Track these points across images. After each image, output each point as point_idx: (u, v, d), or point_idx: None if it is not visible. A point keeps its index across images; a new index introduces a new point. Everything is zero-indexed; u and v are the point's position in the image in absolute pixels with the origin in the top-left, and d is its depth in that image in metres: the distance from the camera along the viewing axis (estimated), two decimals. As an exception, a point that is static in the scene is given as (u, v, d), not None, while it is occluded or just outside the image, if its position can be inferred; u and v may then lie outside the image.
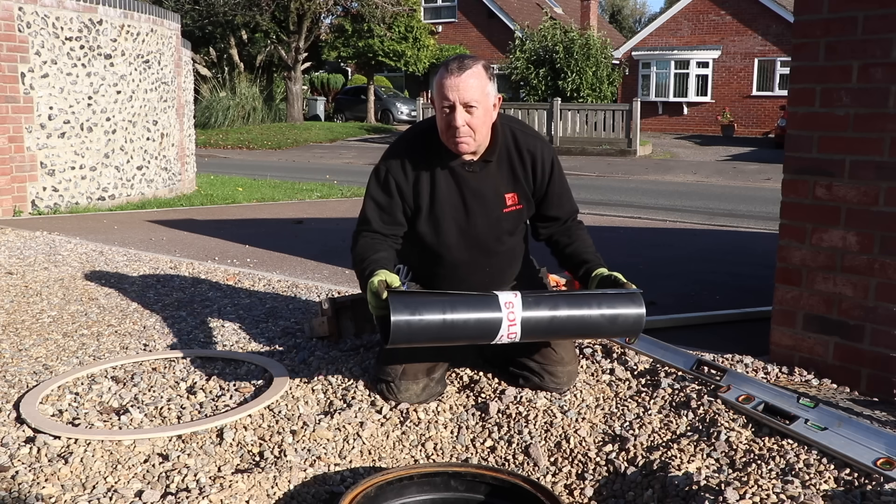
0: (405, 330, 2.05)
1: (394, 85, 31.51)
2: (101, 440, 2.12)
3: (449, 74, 2.27)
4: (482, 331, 2.15)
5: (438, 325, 2.09)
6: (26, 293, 3.79)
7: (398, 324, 2.04)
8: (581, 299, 2.27)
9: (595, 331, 2.31)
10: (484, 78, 2.30)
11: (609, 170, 14.65)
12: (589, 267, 2.47)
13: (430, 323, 2.08)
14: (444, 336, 2.12)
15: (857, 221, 2.54)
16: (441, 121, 2.33)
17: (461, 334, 2.14)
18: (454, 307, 2.12)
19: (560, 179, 2.54)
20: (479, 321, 2.14)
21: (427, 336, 2.11)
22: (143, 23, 7.70)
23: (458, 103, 2.26)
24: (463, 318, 2.12)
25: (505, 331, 2.15)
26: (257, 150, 20.22)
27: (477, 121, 2.31)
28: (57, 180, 6.95)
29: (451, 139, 2.34)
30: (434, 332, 2.09)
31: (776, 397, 2.29)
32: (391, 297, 2.08)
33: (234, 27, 25.03)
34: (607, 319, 2.23)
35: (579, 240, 2.56)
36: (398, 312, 2.05)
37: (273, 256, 5.03)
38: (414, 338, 2.10)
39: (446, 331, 2.11)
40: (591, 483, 2.11)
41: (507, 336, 2.17)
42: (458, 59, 2.32)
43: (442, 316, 2.09)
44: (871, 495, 1.85)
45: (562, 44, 21.98)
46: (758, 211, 8.59)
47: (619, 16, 54.35)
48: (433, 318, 2.08)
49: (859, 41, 2.51)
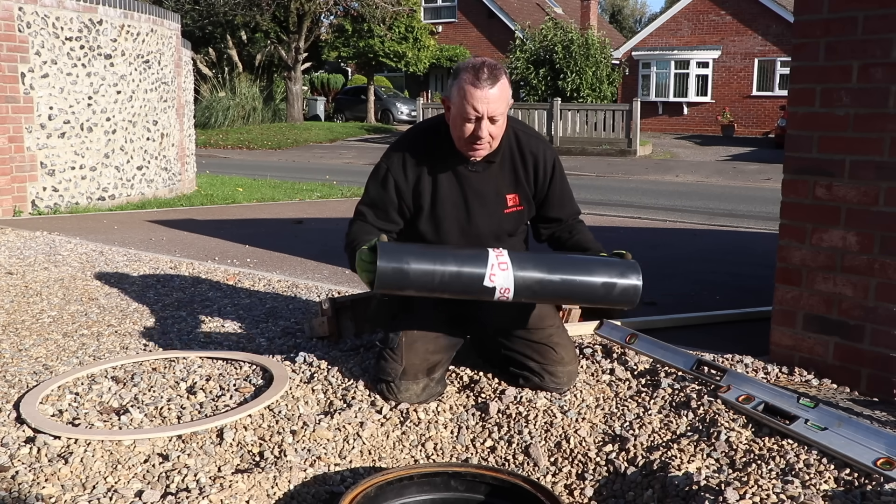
0: (390, 274, 2.08)
1: (394, 85, 31.53)
2: (101, 440, 2.11)
3: (481, 85, 2.24)
4: (471, 281, 2.14)
5: (425, 272, 2.10)
6: (26, 293, 3.79)
7: (384, 268, 2.07)
8: (576, 262, 2.27)
9: (588, 295, 2.28)
10: (509, 89, 2.31)
11: (609, 170, 14.65)
12: (590, 253, 2.49)
13: (418, 270, 2.10)
14: (430, 283, 2.12)
15: (857, 221, 2.54)
16: (461, 127, 2.31)
17: (449, 278, 2.13)
18: (443, 258, 2.13)
19: (561, 181, 2.55)
20: (467, 269, 2.14)
21: (414, 281, 2.11)
22: (143, 23, 7.70)
23: (486, 116, 2.26)
24: (451, 265, 2.13)
25: (497, 280, 2.14)
26: (257, 150, 20.23)
27: (498, 130, 2.33)
28: (57, 180, 6.95)
29: (467, 146, 2.34)
30: (421, 277, 2.10)
31: (776, 397, 2.29)
32: (378, 244, 2.12)
33: (234, 27, 25.03)
34: (602, 285, 2.23)
35: (580, 233, 2.60)
36: (385, 256, 2.08)
37: (273, 256, 5.03)
38: (401, 282, 2.10)
39: (433, 278, 2.11)
40: (591, 483, 2.11)
41: (500, 289, 2.15)
42: (489, 69, 2.27)
43: (431, 266, 2.11)
44: (871, 495, 1.85)
45: (562, 44, 21.98)
46: (758, 211, 8.59)
47: (619, 16, 54.34)
48: (420, 266, 2.10)
49: (859, 41, 2.51)
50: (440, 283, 2.14)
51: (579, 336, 2.99)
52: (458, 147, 2.38)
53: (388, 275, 2.10)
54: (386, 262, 2.10)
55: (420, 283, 2.13)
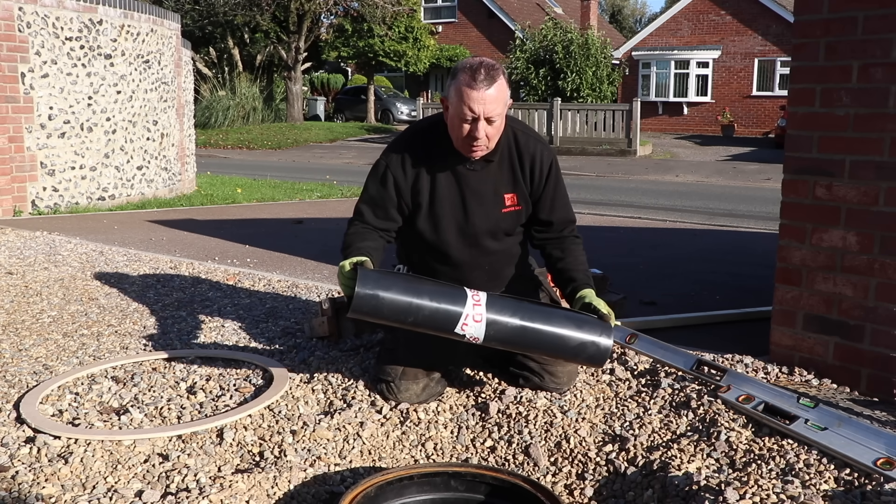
0: (368, 302, 2.08)
1: (394, 85, 31.53)
2: (101, 440, 2.11)
3: (478, 87, 2.24)
4: (444, 321, 2.14)
5: (401, 304, 2.10)
6: (26, 293, 3.79)
7: (361, 294, 2.07)
8: (551, 315, 2.24)
9: (558, 352, 2.26)
10: (506, 90, 2.31)
11: (609, 170, 14.65)
12: (575, 286, 2.45)
13: (393, 301, 2.09)
14: (403, 316, 2.12)
15: (857, 221, 2.54)
16: (458, 127, 2.31)
17: (422, 319, 2.13)
18: (419, 292, 2.13)
19: (556, 183, 2.53)
20: (442, 310, 2.13)
21: (387, 314, 2.11)
22: (143, 23, 7.70)
23: (483, 116, 2.27)
24: (426, 305, 2.12)
25: (468, 330, 2.14)
26: (257, 150, 20.23)
27: (495, 131, 2.33)
28: (57, 180, 6.95)
29: (465, 146, 2.34)
30: (395, 311, 2.10)
31: (776, 397, 2.29)
32: (360, 270, 2.12)
33: (234, 27, 25.03)
34: (574, 347, 2.20)
35: (570, 255, 2.52)
36: (363, 284, 2.08)
37: (273, 256, 5.03)
38: (376, 311, 2.10)
39: (407, 314, 2.11)
40: (591, 483, 2.11)
41: (470, 337, 2.16)
42: (486, 70, 2.26)
43: (405, 297, 2.10)
44: (871, 495, 1.85)
45: (562, 44, 21.98)
46: (758, 211, 8.59)
47: (619, 16, 54.34)
48: (396, 297, 2.10)
49: (859, 41, 2.51)
50: (413, 321, 2.14)
51: (579, 336, 2.98)
52: (456, 146, 2.38)
53: (365, 301, 2.09)
54: (363, 288, 2.09)
55: (394, 317, 2.13)
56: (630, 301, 3.60)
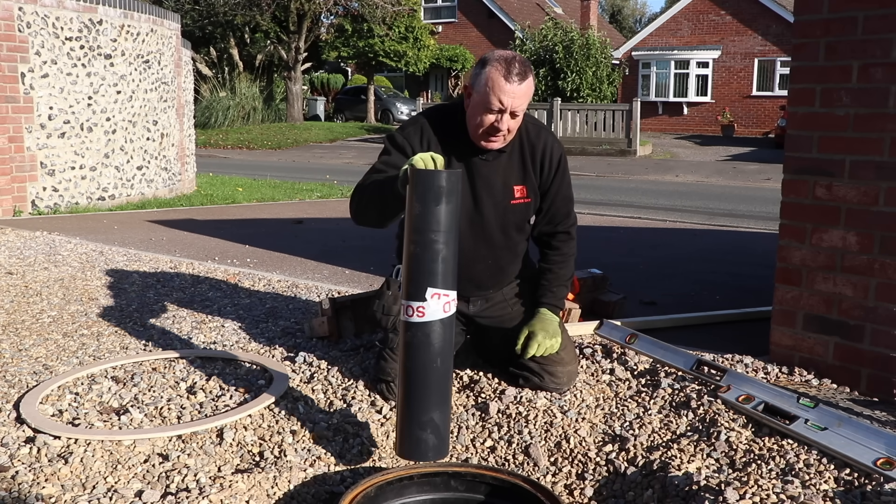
0: (455, 183, 1.91)
1: (394, 85, 31.52)
2: (101, 440, 2.11)
3: (511, 79, 2.25)
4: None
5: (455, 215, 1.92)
6: (26, 293, 3.79)
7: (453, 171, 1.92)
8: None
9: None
10: (533, 87, 2.34)
11: (609, 170, 14.65)
12: (540, 300, 2.57)
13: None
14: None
15: (857, 221, 2.54)
16: (481, 116, 2.31)
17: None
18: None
19: (563, 177, 2.55)
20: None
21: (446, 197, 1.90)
22: (143, 23, 7.70)
23: (509, 109, 2.28)
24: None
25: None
26: (257, 150, 20.22)
27: (515, 124, 2.36)
28: (57, 180, 6.95)
29: (484, 136, 2.35)
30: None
31: (776, 397, 2.29)
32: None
33: (234, 27, 25.03)
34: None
35: (552, 273, 2.59)
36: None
37: (273, 256, 5.03)
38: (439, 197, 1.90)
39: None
40: (591, 483, 2.11)
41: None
42: (521, 64, 2.29)
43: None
44: (871, 495, 1.85)
45: (562, 44, 21.98)
46: (758, 211, 8.59)
47: (619, 16, 54.35)
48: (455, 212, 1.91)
49: (859, 41, 2.51)
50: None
51: (579, 336, 2.99)
52: (472, 136, 2.38)
53: (452, 179, 1.90)
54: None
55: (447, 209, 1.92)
56: (630, 301, 3.61)
